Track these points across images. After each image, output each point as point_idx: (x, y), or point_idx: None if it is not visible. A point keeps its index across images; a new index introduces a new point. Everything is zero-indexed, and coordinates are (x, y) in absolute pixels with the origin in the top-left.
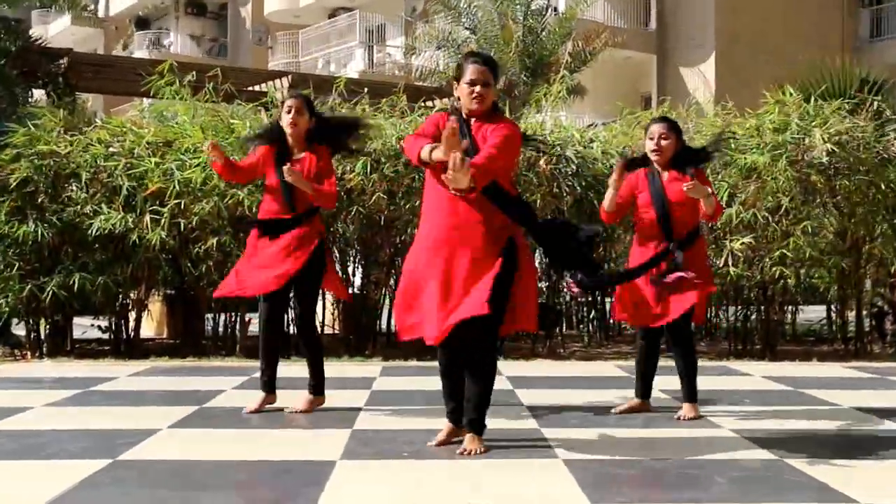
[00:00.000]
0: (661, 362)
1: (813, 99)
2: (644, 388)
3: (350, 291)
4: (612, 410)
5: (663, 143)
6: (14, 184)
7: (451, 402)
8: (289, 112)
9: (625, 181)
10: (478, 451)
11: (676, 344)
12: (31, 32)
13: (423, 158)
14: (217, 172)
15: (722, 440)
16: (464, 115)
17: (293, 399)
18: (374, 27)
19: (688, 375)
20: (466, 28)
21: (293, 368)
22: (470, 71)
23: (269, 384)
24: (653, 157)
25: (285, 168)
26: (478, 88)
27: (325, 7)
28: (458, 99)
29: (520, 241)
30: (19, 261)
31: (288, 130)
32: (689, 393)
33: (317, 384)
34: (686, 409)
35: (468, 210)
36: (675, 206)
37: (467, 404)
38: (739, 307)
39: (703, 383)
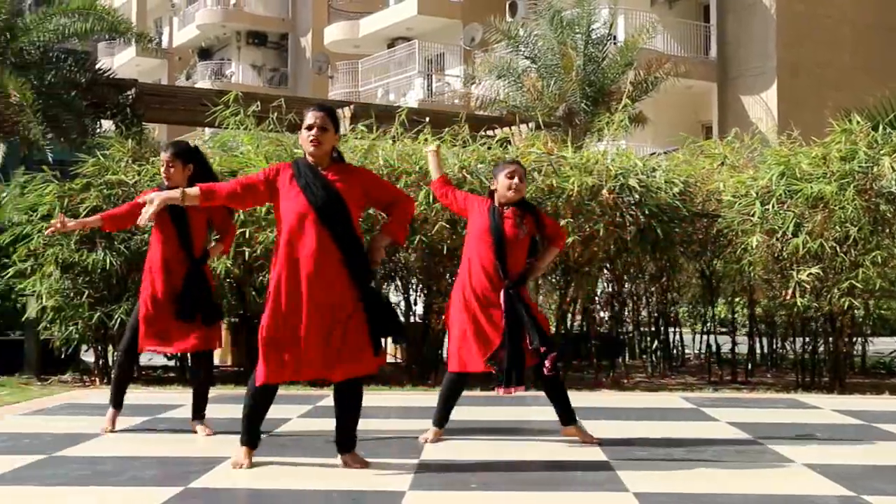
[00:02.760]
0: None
1: (881, 127)
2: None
3: (413, 320)
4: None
5: (521, 185)
6: (84, 212)
7: None
8: (163, 166)
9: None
10: None
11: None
12: (98, 64)
13: None
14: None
15: (794, 475)
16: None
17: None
18: (433, 56)
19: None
20: (526, 57)
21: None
22: (309, 117)
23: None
24: (511, 196)
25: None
26: (315, 132)
27: (385, 37)
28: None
29: None
30: (88, 288)
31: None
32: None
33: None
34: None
35: None
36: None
37: None
38: (806, 338)
39: (772, 416)
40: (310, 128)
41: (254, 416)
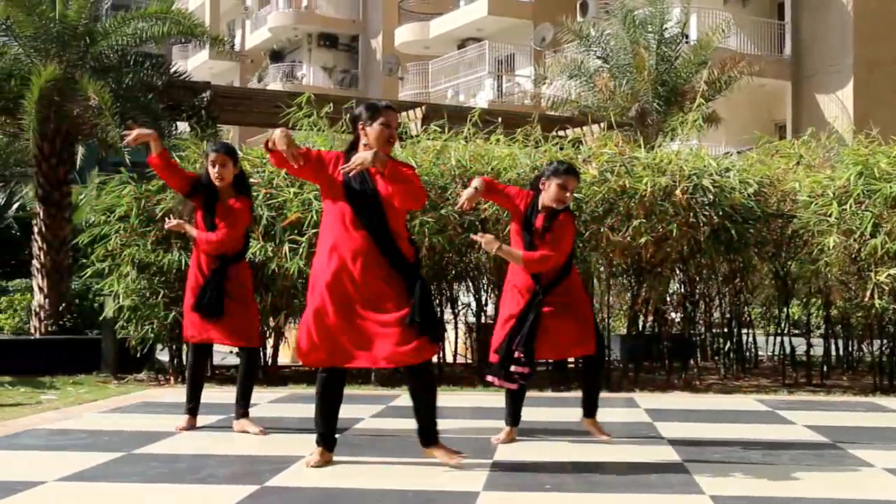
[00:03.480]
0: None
1: None
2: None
3: (483, 321)
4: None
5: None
6: (160, 214)
7: None
8: (213, 166)
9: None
10: None
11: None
12: (173, 67)
13: None
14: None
15: (875, 479)
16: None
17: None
18: (503, 57)
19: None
20: (598, 57)
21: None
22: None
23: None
24: (559, 205)
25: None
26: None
27: (455, 38)
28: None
29: None
30: (164, 288)
31: (217, 184)
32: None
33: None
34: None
35: None
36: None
37: None
38: (884, 340)
39: (850, 419)
40: (388, 126)
41: (324, 412)
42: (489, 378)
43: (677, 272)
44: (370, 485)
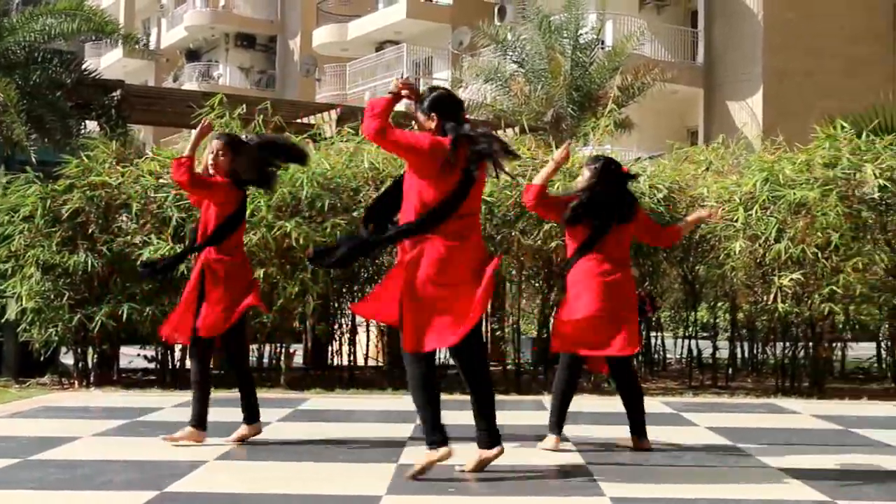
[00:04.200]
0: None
1: (864, 134)
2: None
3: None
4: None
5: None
6: (66, 214)
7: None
8: (213, 153)
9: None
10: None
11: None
12: (84, 65)
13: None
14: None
15: (772, 480)
16: None
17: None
18: (421, 60)
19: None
20: (514, 61)
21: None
22: None
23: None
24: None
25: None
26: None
27: (373, 40)
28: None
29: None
30: (69, 290)
31: (211, 171)
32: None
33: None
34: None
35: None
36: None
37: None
38: (787, 343)
39: (751, 421)
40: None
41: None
42: None
43: None
44: (274, 489)
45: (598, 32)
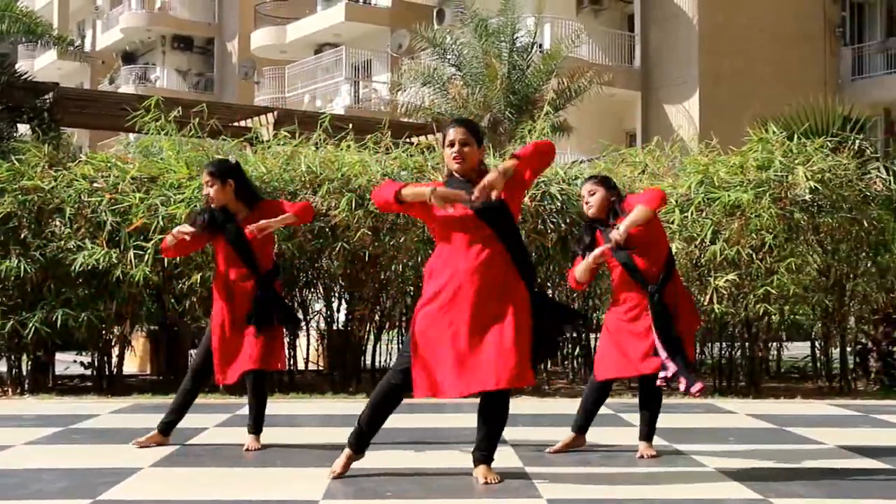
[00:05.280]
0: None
1: (796, 137)
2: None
3: (335, 327)
4: (548, 450)
5: (591, 198)
6: None
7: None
8: (205, 185)
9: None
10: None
11: (652, 388)
12: (17, 67)
13: (405, 195)
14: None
15: (707, 479)
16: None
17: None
18: (361, 63)
19: (656, 416)
20: (452, 65)
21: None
22: (449, 133)
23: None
24: (589, 212)
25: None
26: (456, 148)
27: (312, 43)
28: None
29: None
30: (1, 296)
31: (213, 204)
32: (652, 433)
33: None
34: (647, 448)
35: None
36: (632, 251)
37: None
38: (724, 344)
39: (688, 421)
40: (451, 144)
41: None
42: (694, 389)
43: None
44: (210, 496)
45: (534, 35)
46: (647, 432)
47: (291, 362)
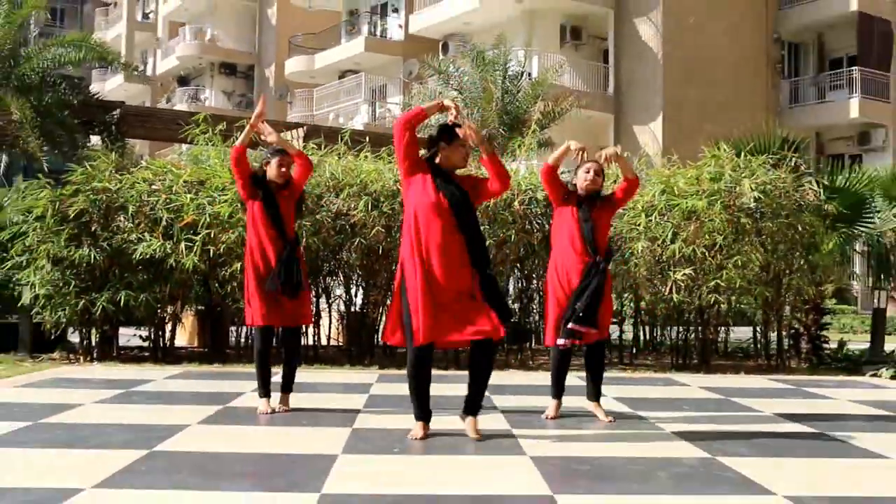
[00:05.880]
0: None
1: (743, 154)
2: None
3: (353, 310)
4: (544, 415)
5: (596, 177)
6: (73, 215)
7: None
8: (280, 167)
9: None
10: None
11: (599, 353)
12: (90, 88)
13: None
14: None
15: (664, 441)
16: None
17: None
18: (377, 87)
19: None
20: (454, 89)
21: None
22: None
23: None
24: (584, 185)
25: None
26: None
27: (336, 69)
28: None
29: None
30: (75, 280)
31: (278, 181)
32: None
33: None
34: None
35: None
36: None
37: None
38: (680, 328)
39: (650, 392)
40: (462, 145)
41: (419, 389)
42: (559, 341)
43: (515, 271)
44: (246, 449)
45: (523, 65)
46: (595, 392)
47: (315, 339)
